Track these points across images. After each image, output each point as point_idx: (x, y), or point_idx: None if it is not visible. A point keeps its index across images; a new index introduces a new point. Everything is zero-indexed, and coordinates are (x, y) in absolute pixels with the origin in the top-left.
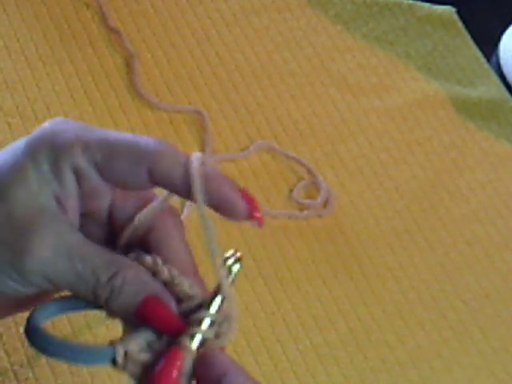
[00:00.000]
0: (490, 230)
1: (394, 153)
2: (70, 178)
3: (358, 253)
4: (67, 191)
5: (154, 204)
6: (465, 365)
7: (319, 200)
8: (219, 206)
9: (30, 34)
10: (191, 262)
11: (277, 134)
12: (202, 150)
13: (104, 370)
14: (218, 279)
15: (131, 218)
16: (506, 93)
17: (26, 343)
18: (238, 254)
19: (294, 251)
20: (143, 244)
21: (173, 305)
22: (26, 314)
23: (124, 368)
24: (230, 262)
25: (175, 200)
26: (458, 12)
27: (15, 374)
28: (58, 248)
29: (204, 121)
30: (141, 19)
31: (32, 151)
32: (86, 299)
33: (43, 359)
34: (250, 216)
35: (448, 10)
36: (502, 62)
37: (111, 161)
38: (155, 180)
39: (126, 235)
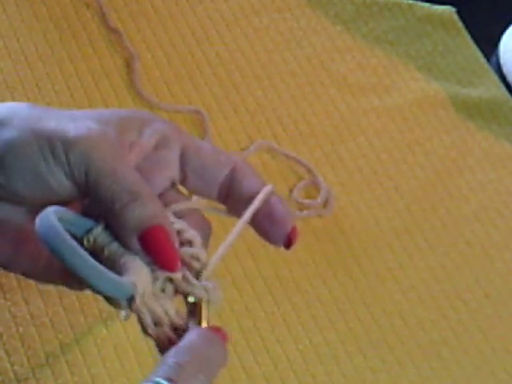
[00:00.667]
0: (489, 230)
1: (394, 153)
2: (152, 137)
3: (357, 253)
4: (141, 142)
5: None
6: (465, 365)
7: (319, 200)
8: (263, 234)
9: (29, 34)
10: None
11: (277, 134)
12: None
13: (104, 369)
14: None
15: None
16: (506, 93)
17: (26, 343)
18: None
19: (294, 251)
20: None
21: (177, 245)
22: (25, 315)
23: (135, 310)
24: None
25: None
26: (458, 12)
27: (15, 374)
28: (106, 149)
29: (204, 121)
30: (141, 19)
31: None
32: (103, 200)
33: (43, 359)
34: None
35: (448, 9)
36: (502, 61)
37: (200, 152)
38: (231, 190)
39: None
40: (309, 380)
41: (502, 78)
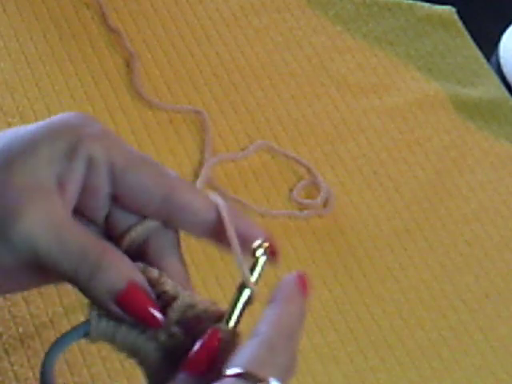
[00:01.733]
0: (489, 230)
1: (394, 153)
2: (80, 165)
3: (357, 253)
4: (72, 176)
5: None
6: (465, 365)
7: (319, 200)
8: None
9: (29, 34)
10: (184, 273)
11: (277, 134)
12: (202, 150)
13: (104, 369)
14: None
15: (127, 229)
16: (506, 93)
17: (26, 343)
18: (266, 245)
19: (294, 251)
20: (140, 256)
21: (154, 298)
22: (25, 314)
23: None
24: (259, 253)
25: None
26: (458, 12)
27: (15, 374)
28: (47, 221)
29: (204, 121)
30: (141, 19)
31: (53, 133)
32: (66, 277)
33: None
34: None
35: (448, 10)
36: (502, 61)
37: (131, 170)
38: (172, 208)
39: (124, 244)
40: (309, 380)
41: (502, 78)
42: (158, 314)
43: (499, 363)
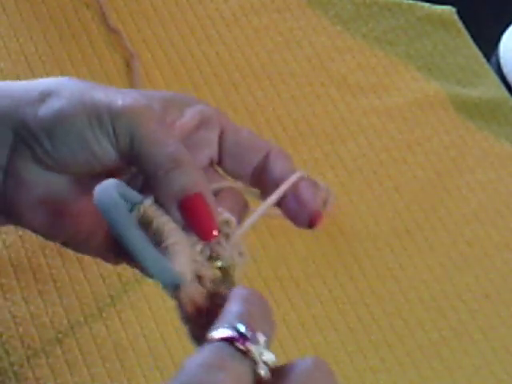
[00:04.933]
0: (489, 230)
1: (394, 153)
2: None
3: (357, 253)
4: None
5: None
6: (465, 365)
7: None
8: (288, 214)
9: (29, 34)
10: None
11: (277, 134)
12: None
13: (104, 369)
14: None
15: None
16: (506, 93)
17: (26, 343)
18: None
19: (294, 251)
20: None
21: (216, 214)
22: (25, 315)
23: (178, 298)
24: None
25: None
26: (458, 12)
27: (15, 374)
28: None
29: None
30: (141, 19)
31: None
32: (145, 168)
33: (43, 359)
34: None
35: (448, 9)
36: (502, 61)
37: (237, 139)
38: (264, 174)
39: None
40: None
41: (502, 78)
42: (214, 228)
43: (499, 363)
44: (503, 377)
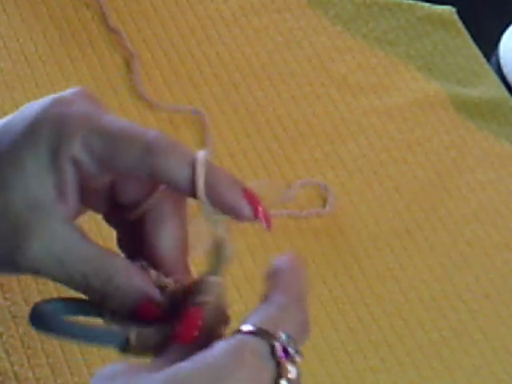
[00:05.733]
0: (489, 230)
1: (394, 153)
2: (68, 170)
3: (357, 253)
4: (66, 181)
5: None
6: (465, 365)
7: (319, 200)
8: (224, 210)
9: (29, 34)
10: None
11: (277, 134)
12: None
13: None
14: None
15: (134, 201)
16: (506, 93)
17: (26, 343)
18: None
19: (294, 251)
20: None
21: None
22: (25, 314)
23: (133, 351)
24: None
25: None
26: (458, 12)
27: (15, 374)
28: (50, 249)
29: (204, 121)
30: (141, 19)
31: (32, 138)
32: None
33: (43, 359)
34: (256, 218)
35: (448, 10)
36: (502, 61)
37: (114, 153)
38: (158, 176)
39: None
40: (309, 380)
41: (502, 78)
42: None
43: (499, 363)
44: (503, 377)
